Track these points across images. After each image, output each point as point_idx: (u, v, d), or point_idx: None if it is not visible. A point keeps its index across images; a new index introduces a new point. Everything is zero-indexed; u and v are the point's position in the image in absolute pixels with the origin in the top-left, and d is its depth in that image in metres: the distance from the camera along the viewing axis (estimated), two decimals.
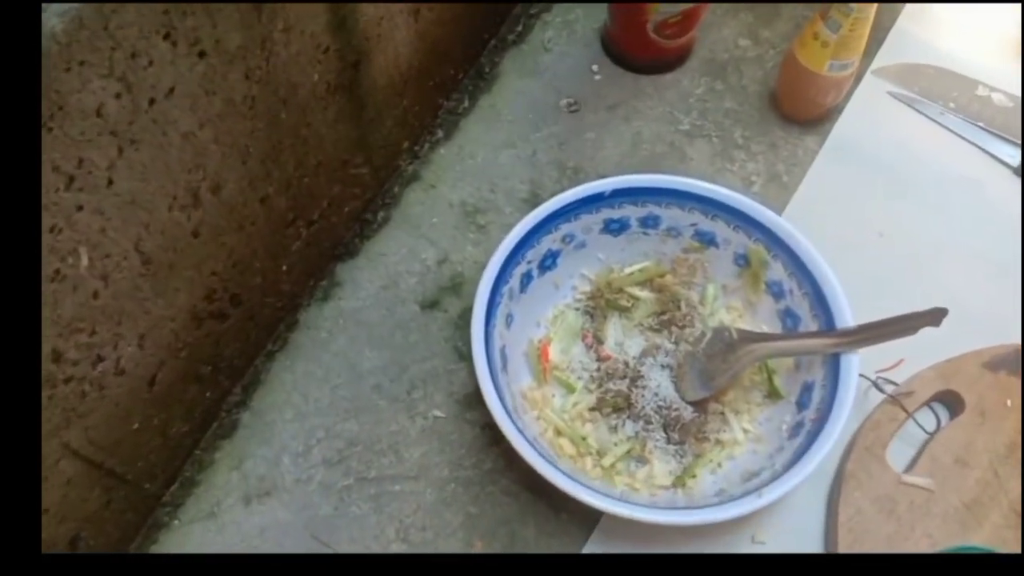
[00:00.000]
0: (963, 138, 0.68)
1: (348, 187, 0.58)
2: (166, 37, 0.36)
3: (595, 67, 0.71)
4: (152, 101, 0.37)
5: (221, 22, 0.39)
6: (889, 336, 0.47)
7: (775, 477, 0.46)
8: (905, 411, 0.54)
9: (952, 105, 0.70)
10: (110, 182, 0.36)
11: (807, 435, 0.48)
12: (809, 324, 0.52)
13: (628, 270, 0.59)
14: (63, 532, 0.43)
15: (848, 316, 0.50)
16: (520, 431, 0.47)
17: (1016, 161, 0.67)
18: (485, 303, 0.51)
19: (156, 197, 0.39)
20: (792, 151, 0.67)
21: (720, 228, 0.56)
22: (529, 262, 0.55)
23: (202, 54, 0.38)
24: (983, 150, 0.68)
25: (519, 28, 0.73)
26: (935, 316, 0.46)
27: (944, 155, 0.67)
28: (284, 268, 0.54)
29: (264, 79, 0.44)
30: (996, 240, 0.63)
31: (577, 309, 0.58)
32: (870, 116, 0.69)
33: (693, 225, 0.57)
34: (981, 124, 0.69)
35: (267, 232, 0.50)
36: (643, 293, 0.59)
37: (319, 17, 0.46)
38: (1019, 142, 0.68)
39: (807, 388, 0.51)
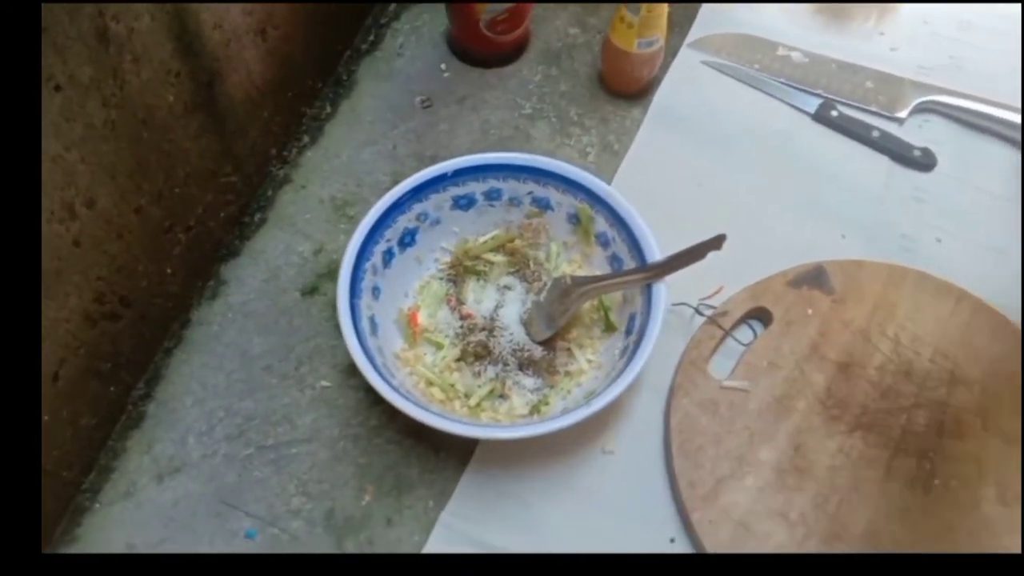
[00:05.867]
0: (769, 94, 0.79)
1: (221, 194, 0.64)
2: None
3: (443, 66, 0.79)
4: None
5: (71, 59, 0.45)
6: (684, 263, 0.56)
7: None
8: (722, 328, 0.63)
9: (757, 66, 0.80)
10: None
11: (630, 354, 0.56)
12: (629, 264, 0.61)
13: (481, 239, 0.67)
14: None
15: (656, 253, 0.59)
16: (390, 384, 0.55)
17: (813, 108, 0.77)
18: (348, 277, 0.58)
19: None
20: (620, 122, 0.76)
21: (552, 193, 0.64)
22: (388, 240, 0.62)
23: (58, 87, 0.45)
24: (786, 102, 0.78)
25: (371, 38, 0.80)
26: (717, 241, 0.55)
27: (753, 110, 0.77)
28: (169, 271, 0.61)
29: (121, 104, 0.50)
30: (800, 177, 0.73)
31: (441, 279, 0.66)
32: (687, 84, 0.79)
33: (530, 193, 0.65)
34: (783, 80, 0.79)
35: (146, 239, 0.57)
36: (497, 257, 0.67)
37: (165, 46, 0.53)
38: (815, 91, 0.78)
39: (632, 317, 0.60)
